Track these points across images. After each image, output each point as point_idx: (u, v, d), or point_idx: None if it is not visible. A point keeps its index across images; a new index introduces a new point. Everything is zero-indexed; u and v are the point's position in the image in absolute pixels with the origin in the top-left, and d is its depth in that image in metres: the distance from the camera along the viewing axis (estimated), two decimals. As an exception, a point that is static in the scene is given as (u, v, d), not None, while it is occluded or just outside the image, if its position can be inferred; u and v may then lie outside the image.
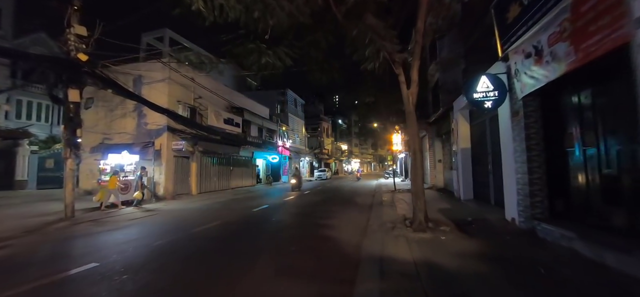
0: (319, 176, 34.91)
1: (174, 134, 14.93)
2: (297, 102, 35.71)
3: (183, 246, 5.66)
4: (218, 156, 18.38)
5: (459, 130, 10.05)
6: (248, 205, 11.71)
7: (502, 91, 5.91)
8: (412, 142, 6.12)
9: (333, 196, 14.99)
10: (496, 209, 7.63)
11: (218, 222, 8.11)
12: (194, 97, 16.56)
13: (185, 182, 15.92)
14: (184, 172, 15.83)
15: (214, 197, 14.97)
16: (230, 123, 18.60)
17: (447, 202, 9.84)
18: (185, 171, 15.94)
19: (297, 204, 11.77)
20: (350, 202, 11.86)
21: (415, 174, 6.07)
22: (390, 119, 16.42)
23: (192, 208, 11.31)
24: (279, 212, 9.75)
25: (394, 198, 11.71)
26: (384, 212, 8.36)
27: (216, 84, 19.06)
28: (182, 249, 5.42)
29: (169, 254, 5.12)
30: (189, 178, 16.14)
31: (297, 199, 13.53)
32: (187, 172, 15.99)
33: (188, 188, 16.05)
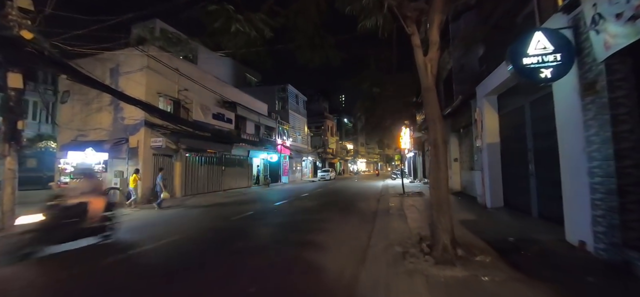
0: (322, 176, 33.05)
1: (152, 130, 13.28)
2: (298, 99, 33.90)
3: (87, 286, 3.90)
4: (207, 154, 16.69)
5: (485, 121, 8.07)
6: (231, 212, 9.95)
7: (568, 53, 3.96)
8: (433, 130, 4.22)
9: (332, 200, 13.12)
10: (544, 224, 5.65)
11: (176, 237, 6.34)
12: (178, 90, 14.89)
13: (168, 184, 14.25)
14: (166, 173, 14.15)
15: (199, 201, 13.28)
16: (221, 119, 16.90)
17: (469, 210, 7.87)
18: (168, 171, 14.27)
19: (287, 211, 9.95)
20: (350, 209, 9.98)
21: (436, 177, 4.17)
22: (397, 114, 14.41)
23: (165, 215, 9.61)
24: (261, 222, 7.94)
25: (403, 204, 9.78)
26: (391, 226, 6.45)
27: (205, 76, 17.39)
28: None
29: None
30: (173, 179, 14.47)
31: (289, 204, 11.71)
32: (170, 173, 14.33)
33: (171, 190, 14.38)
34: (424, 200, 10.75)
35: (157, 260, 4.85)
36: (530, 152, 6.29)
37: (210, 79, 17.90)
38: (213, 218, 8.88)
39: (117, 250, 5.32)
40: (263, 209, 10.45)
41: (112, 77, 13.93)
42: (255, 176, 23.67)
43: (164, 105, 14.29)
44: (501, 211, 7.38)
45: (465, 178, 11.46)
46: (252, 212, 9.70)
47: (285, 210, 10.27)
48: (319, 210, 10.03)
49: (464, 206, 8.66)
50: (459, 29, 12.73)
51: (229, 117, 17.67)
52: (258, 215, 9.20)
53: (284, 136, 27.75)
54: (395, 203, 10.20)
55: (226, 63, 30.77)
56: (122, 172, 12.45)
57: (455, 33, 12.84)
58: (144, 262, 4.78)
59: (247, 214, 9.22)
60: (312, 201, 12.55)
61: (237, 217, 8.66)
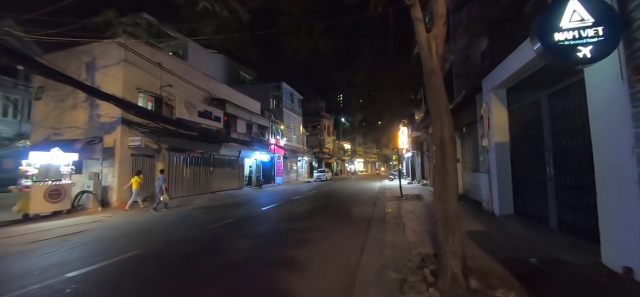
0: (318, 176, 32.13)
1: (131, 128, 12.29)
2: (293, 97, 32.96)
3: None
4: (193, 154, 15.71)
5: (492, 118, 7.19)
6: (211, 218, 9.01)
7: (612, 26, 3.06)
8: (438, 125, 3.32)
9: (325, 203, 12.21)
10: (567, 239, 4.77)
11: (135, 251, 5.41)
12: (160, 86, 13.91)
13: (149, 186, 13.27)
14: (147, 175, 13.18)
15: (181, 205, 12.31)
16: (208, 117, 15.93)
17: (476, 218, 6.98)
18: (149, 173, 13.30)
19: (272, 218, 9.02)
20: (343, 215, 9.07)
21: (443, 185, 3.26)
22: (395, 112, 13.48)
23: (140, 221, 8.66)
24: (240, 232, 7.00)
25: (401, 210, 8.88)
26: (387, 239, 5.53)
27: (192, 72, 16.42)
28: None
29: None
30: (154, 181, 13.47)
31: (277, 209, 10.78)
32: (151, 175, 13.35)
33: (153, 193, 13.39)
34: (424, 205, 9.86)
35: (84, 291, 3.90)
36: (548, 153, 5.40)
37: (198, 74, 16.93)
38: (188, 226, 7.93)
39: (45, 275, 4.37)
40: (247, 215, 9.51)
41: (88, 71, 12.95)
42: (247, 177, 22.71)
43: (144, 102, 13.31)
44: (512, 219, 6.49)
45: (468, 181, 10.59)
46: (234, 219, 8.76)
47: (271, 216, 9.34)
48: (308, 216, 9.11)
49: (469, 213, 7.77)
50: (460, 21, 11.88)
51: (217, 116, 16.70)
52: (239, 222, 8.26)
53: (277, 135, 26.80)
54: (392, 208, 9.30)
55: (218, 60, 29.79)
56: (97, 174, 11.46)
57: (456, 27, 11.99)
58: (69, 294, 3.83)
59: (227, 222, 8.27)
60: (302, 205, 11.63)
61: (215, 226, 7.72)
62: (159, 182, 10.76)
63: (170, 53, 23.24)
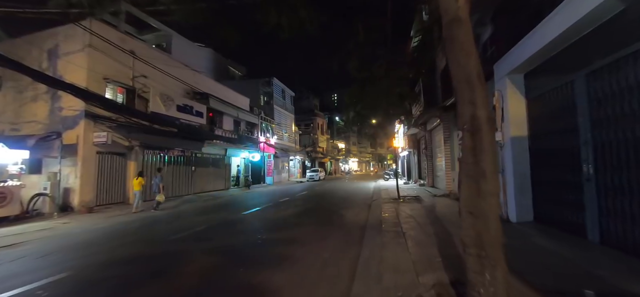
0: (311, 176, 30.96)
1: (96, 123, 10.95)
2: (285, 94, 31.70)
3: None
4: (171, 153, 14.40)
5: (507, 108, 6.13)
6: (179, 225, 7.80)
7: None
8: (468, 100, 2.20)
9: (315, 206, 11.05)
10: (616, 256, 3.69)
11: (61, 275, 4.17)
12: (133, 76, 12.56)
13: (119, 188, 11.95)
14: (117, 175, 11.86)
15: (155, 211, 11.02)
16: (188, 111, 14.62)
17: (488, 226, 5.90)
18: (119, 173, 11.97)
19: (251, 225, 7.84)
20: (333, 221, 7.93)
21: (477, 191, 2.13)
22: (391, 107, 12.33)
23: (94, 230, 7.39)
24: (207, 245, 5.79)
25: (399, 214, 7.77)
26: (386, 256, 4.40)
27: (172, 62, 15.08)
28: None
29: None
30: (126, 182, 12.15)
31: (261, 213, 9.59)
32: (121, 175, 12.02)
33: (123, 195, 12.08)
34: (424, 208, 8.77)
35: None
36: (586, 148, 4.34)
37: (178, 66, 15.59)
38: (148, 237, 6.69)
39: None
40: (223, 221, 8.29)
41: (51, 59, 11.57)
42: (235, 177, 21.42)
43: (113, 94, 11.96)
44: (533, 228, 5.43)
45: (473, 181, 9.57)
46: (205, 226, 7.54)
47: (250, 222, 8.15)
48: (293, 222, 7.94)
49: (477, 219, 6.70)
50: None
51: (199, 111, 15.39)
52: (210, 231, 7.04)
53: (267, 133, 25.55)
54: (390, 212, 8.19)
55: (205, 54, 28.41)
56: (56, 174, 10.10)
57: None
58: None
59: (196, 230, 7.05)
60: (290, 208, 10.45)
61: (181, 236, 6.49)
62: (155, 181, 10.54)
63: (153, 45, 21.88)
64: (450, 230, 5.75)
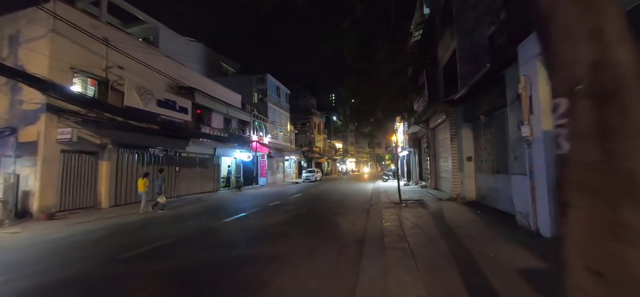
0: (307, 177, 29.80)
1: (61, 118, 9.72)
2: (280, 91, 30.49)
3: None
4: (151, 151, 13.17)
5: (538, 97, 5.02)
6: (143, 237, 6.63)
7: None
8: (610, 32, 1.00)
9: (307, 212, 9.91)
10: None
11: None
12: (106, 66, 11.32)
13: (89, 191, 10.72)
14: (86, 176, 10.63)
15: (124, 215, 9.83)
16: (170, 107, 13.40)
17: (514, 242, 4.79)
18: (89, 174, 10.74)
19: (228, 237, 6.66)
20: (326, 232, 6.78)
21: (610, 230, 0.95)
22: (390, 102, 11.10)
23: (43, 242, 6.19)
24: (163, 265, 4.62)
25: (403, 222, 6.63)
26: (391, 290, 3.25)
27: (153, 54, 13.87)
28: None
29: None
30: (97, 184, 10.92)
31: (244, 221, 8.43)
32: (92, 176, 10.79)
33: (94, 199, 10.84)
34: (430, 214, 7.65)
35: None
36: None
37: (160, 58, 14.38)
38: (98, 253, 5.50)
39: None
40: (198, 231, 7.12)
41: (11, 47, 10.32)
42: (225, 178, 20.21)
43: (85, 86, 10.74)
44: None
45: (485, 183, 8.44)
46: (174, 238, 6.36)
47: (229, 233, 6.97)
48: (280, 232, 6.78)
49: (497, 231, 5.57)
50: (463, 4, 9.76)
51: (183, 106, 14.18)
52: (177, 245, 5.87)
53: (260, 132, 24.35)
54: (391, 221, 7.05)
55: (196, 49, 27.15)
56: (10, 175, 8.86)
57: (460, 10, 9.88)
58: None
59: (161, 244, 5.87)
60: (279, 214, 9.29)
61: (139, 252, 5.32)
62: (158, 182, 10.32)
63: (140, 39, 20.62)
64: (470, 247, 4.62)
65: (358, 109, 10.30)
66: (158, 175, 10.87)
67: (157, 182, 10.36)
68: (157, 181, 10.40)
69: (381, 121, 10.96)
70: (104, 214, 10.01)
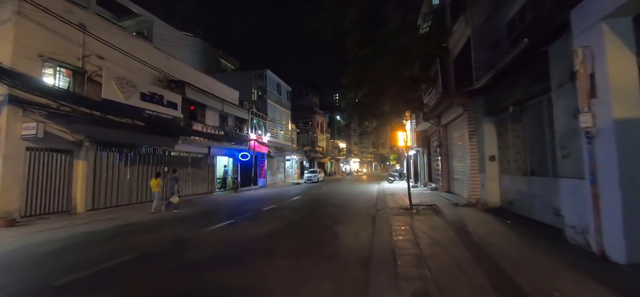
0: (309, 178, 28.61)
1: (26, 111, 8.62)
2: (280, 88, 29.30)
3: None
4: (135, 150, 12.06)
5: (605, 74, 3.73)
6: (107, 251, 5.47)
7: None
8: None
9: (302, 219, 8.69)
10: None
11: None
12: (83, 55, 10.22)
13: (62, 194, 9.62)
14: (58, 177, 9.54)
15: (97, 221, 8.72)
16: (157, 101, 12.27)
17: (572, 268, 3.52)
18: (62, 175, 9.64)
19: (203, 252, 5.45)
20: (322, 247, 5.56)
21: None
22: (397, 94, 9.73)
23: None
24: (104, 291, 3.45)
25: (417, 235, 5.36)
26: None
27: (139, 44, 12.77)
28: None
29: None
30: (71, 186, 9.82)
31: (229, 229, 7.24)
32: (65, 177, 9.69)
33: (68, 203, 9.74)
34: (450, 224, 6.37)
35: None
36: None
37: (148, 49, 13.28)
38: (25, 277, 4.33)
39: None
40: (168, 245, 5.95)
41: (-25, 32, 9.24)
42: (221, 179, 19.09)
43: (55, 76, 9.65)
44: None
45: (514, 187, 7.12)
46: (135, 254, 5.18)
47: (205, 248, 5.77)
48: (266, 248, 5.57)
49: (545, 252, 4.28)
50: None
51: (171, 101, 13.04)
52: (131, 266, 4.69)
53: (260, 130, 23.20)
54: (403, 234, 5.80)
55: (193, 45, 26.17)
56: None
57: None
58: None
59: (114, 263, 4.70)
60: (271, 222, 8.09)
61: (77, 276, 4.14)
62: (172, 182, 10.36)
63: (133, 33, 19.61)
64: (517, 277, 3.35)
65: (361, 102, 9.04)
66: (172, 175, 10.79)
67: (171, 183, 10.38)
68: (171, 182, 10.41)
69: (387, 116, 9.63)
70: (77, 219, 8.90)
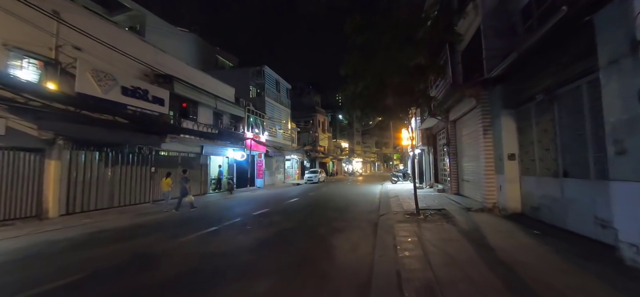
0: (309, 178, 27.64)
1: (-13, 105, 7.75)
2: (280, 86, 28.33)
3: None
4: (117, 149, 11.17)
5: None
6: (47, 270, 4.54)
7: None
8: None
9: (296, 226, 7.72)
10: None
11: None
12: (56, 45, 9.34)
13: (31, 197, 8.74)
14: (26, 179, 8.66)
15: (72, 228, 7.83)
16: (141, 97, 11.36)
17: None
18: (31, 176, 8.76)
19: (167, 272, 4.48)
20: (312, 264, 4.59)
21: None
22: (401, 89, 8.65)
23: None
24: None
25: (428, 253, 4.36)
26: None
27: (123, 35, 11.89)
28: None
29: None
30: (42, 189, 8.94)
31: (208, 238, 6.29)
32: (34, 179, 8.81)
33: (38, 207, 8.86)
34: (465, 235, 5.35)
35: None
36: None
37: (133, 41, 12.40)
38: None
39: None
40: (130, 260, 5.02)
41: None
42: (216, 179, 18.17)
43: (23, 67, 8.76)
44: None
45: (540, 191, 6.07)
46: (79, 276, 4.24)
47: (170, 265, 4.81)
48: (245, 266, 4.59)
49: (599, 279, 3.27)
50: None
51: (158, 97, 12.13)
52: (73, 290, 3.75)
53: (257, 129, 22.28)
54: (410, 247, 4.80)
55: (189, 41, 25.28)
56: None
57: None
58: None
59: (56, 285, 3.76)
60: (259, 229, 7.14)
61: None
62: (183, 183, 10.58)
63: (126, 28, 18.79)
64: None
65: (361, 94, 8.03)
66: (183, 176, 10.95)
67: (183, 183, 10.53)
68: (183, 182, 10.57)
69: (391, 111, 8.61)
70: (46, 225, 8.01)
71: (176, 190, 11.07)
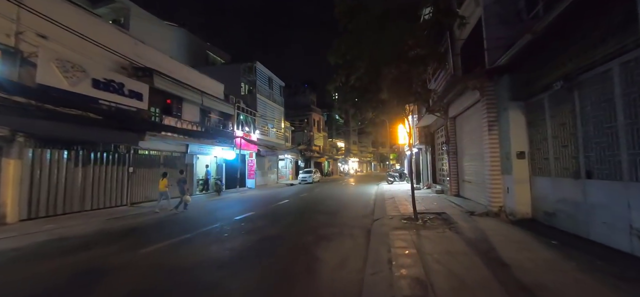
0: (303, 178, 26.83)
1: None
2: (272, 83, 27.45)
3: None
4: (89, 147, 10.24)
5: None
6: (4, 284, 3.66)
7: None
8: None
9: (281, 232, 6.92)
10: None
11: None
12: (16, 32, 8.40)
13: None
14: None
15: (29, 236, 6.93)
16: (116, 91, 10.43)
17: None
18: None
19: (122, 291, 3.63)
20: (291, 283, 3.78)
21: None
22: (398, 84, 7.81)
23: None
24: None
25: (431, 271, 3.58)
26: None
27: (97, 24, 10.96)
28: None
29: None
30: (1, 191, 8.00)
31: (177, 249, 5.45)
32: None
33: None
34: (470, 244, 4.58)
35: None
36: None
37: (108, 30, 11.48)
38: None
39: None
40: (72, 277, 4.16)
41: None
42: (203, 180, 17.27)
43: (-24, 56, 7.84)
44: None
45: (556, 194, 5.32)
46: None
47: (124, 281, 3.97)
48: (208, 287, 3.77)
49: None
50: None
51: (135, 91, 11.21)
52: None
53: (247, 127, 21.40)
54: (407, 262, 4.02)
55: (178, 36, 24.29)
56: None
57: None
58: None
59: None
60: (239, 237, 6.32)
61: None
62: (180, 183, 10.60)
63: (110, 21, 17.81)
64: None
65: (354, 86, 7.21)
66: (180, 177, 10.98)
67: (180, 185, 10.55)
68: (180, 183, 10.58)
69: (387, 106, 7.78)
70: (0, 232, 7.11)
71: (174, 191, 11.02)
